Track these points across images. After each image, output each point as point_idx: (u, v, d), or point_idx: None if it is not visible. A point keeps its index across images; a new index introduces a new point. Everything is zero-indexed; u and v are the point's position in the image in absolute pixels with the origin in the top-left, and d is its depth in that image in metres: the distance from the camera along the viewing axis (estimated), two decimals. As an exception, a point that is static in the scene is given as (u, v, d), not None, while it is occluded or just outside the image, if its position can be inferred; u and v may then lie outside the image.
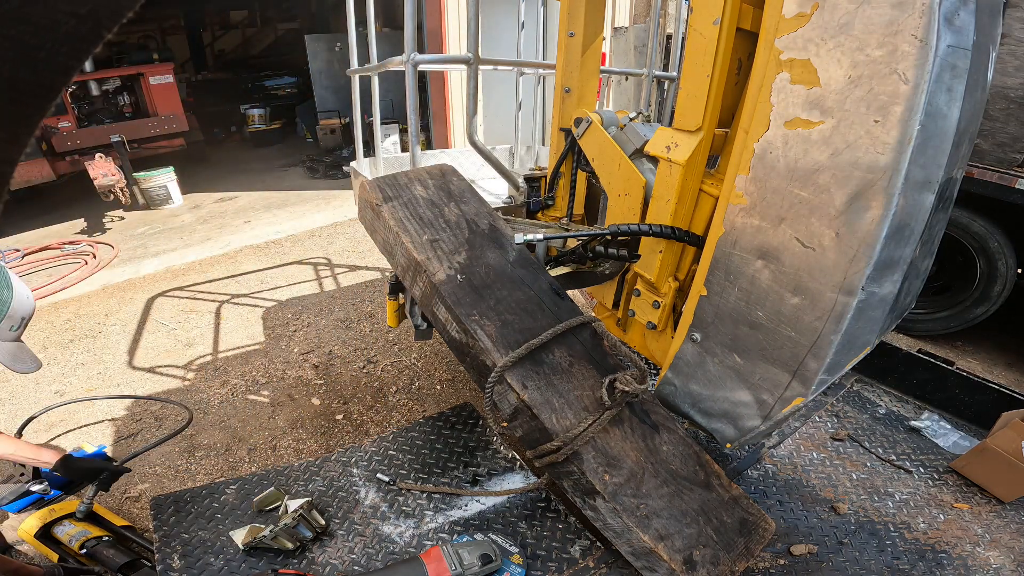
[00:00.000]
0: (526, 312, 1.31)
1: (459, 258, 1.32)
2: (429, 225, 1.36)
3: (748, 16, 1.20)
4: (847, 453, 1.81)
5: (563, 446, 1.13)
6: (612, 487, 1.15)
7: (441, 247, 1.32)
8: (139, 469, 2.27)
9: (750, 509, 1.34)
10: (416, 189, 1.43)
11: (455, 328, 1.23)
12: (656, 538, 1.14)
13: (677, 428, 1.40)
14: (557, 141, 1.92)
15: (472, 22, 1.79)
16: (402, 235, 1.30)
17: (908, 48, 0.89)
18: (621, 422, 1.27)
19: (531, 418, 1.16)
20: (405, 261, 1.30)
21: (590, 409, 1.22)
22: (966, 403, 1.99)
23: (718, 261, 1.23)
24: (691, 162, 1.32)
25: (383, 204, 1.35)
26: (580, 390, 1.24)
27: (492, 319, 1.24)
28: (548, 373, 1.22)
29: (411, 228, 1.33)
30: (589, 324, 1.37)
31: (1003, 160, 2.96)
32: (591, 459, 1.16)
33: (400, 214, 1.34)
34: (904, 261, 1.07)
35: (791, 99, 1.04)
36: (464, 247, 1.36)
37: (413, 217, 1.35)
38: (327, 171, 7.95)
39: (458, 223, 1.41)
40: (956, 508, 1.59)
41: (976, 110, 1.16)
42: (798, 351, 1.12)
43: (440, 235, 1.35)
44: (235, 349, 3.24)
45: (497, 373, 1.14)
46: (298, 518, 1.28)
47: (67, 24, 0.18)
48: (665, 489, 1.24)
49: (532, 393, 1.16)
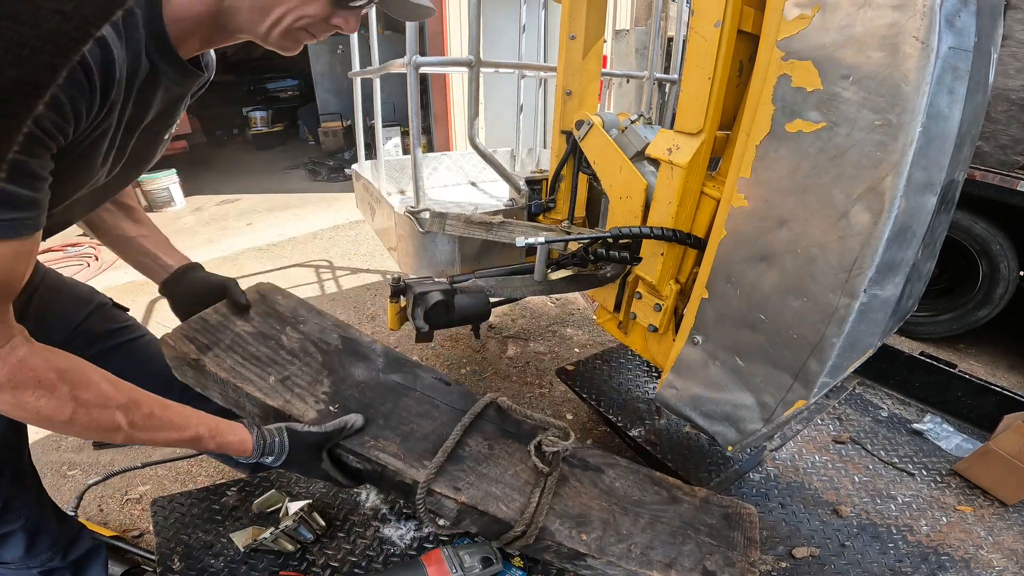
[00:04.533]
0: (421, 416, 1.23)
1: (323, 388, 1.19)
2: (271, 363, 1.20)
3: (749, 18, 1.20)
4: (849, 456, 1.80)
5: (527, 527, 1.09)
6: (595, 543, 1.11)
7: (296, 383, 1.17)
8: (140, 470, 2.27)
9: (723, 503, 1.33)
10: (236, 326, 1.25)
11: (355, 461, 1.13)
12: (664, 568, 1.11)
13: (617, 461, 1.38)
14: (558, 144, 1.92)
15: (473, 25, 1.79)
16: (244, 385, 1.12)
17: (909, 50, 0.89)
18: (566, 480, 1.24)
19: (480, 514, 1.09)
20: (261, 411, 1.14)
21: (532, 482, 1.17)
22: (969, 406, 1.98)
23: (720, 264, 1.23)
24: (692, 165, 1.32)
25: (202, 356, 1.15)
26: (513, 468, 1.19)
27: (390, 438, 1.14)
28: (473, 466, 1.16)
29: (250, 374, 1.16)
30: (492, 402, 1.32)
31: (1005, 162, 2.96)
32: (559, 527, 1.11)
33: (229, 362, 1.15)
34: (906, 264, 1.06)
35: (792, 101, 1.04)
36: (323, 373, 1.23)
37: (247, 360, 1.17)
38: (329, 174, 7.97)
39: (304, 348, 1.27)
40: (959, 511, 1.58)
41: (978, 112, 1.16)
42: (800, 354, 1.12)
43: (289, 369, 1.20)
44: (236, 351, 3.25)
45: (423, 488, 1.07)
46: (299, 520, 1.28)
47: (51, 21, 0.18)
48: (641, 521, 1.21)
49: (469, 492, 1.10)
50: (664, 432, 1.92)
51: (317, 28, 0.96)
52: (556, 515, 1.14)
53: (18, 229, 0.79)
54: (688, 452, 1.84)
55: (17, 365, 0.85)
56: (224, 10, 0.92)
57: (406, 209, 2.01)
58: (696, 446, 1.86)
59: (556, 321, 3.67)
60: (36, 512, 1.32)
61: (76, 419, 0.90)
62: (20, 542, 1.29)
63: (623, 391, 2.14)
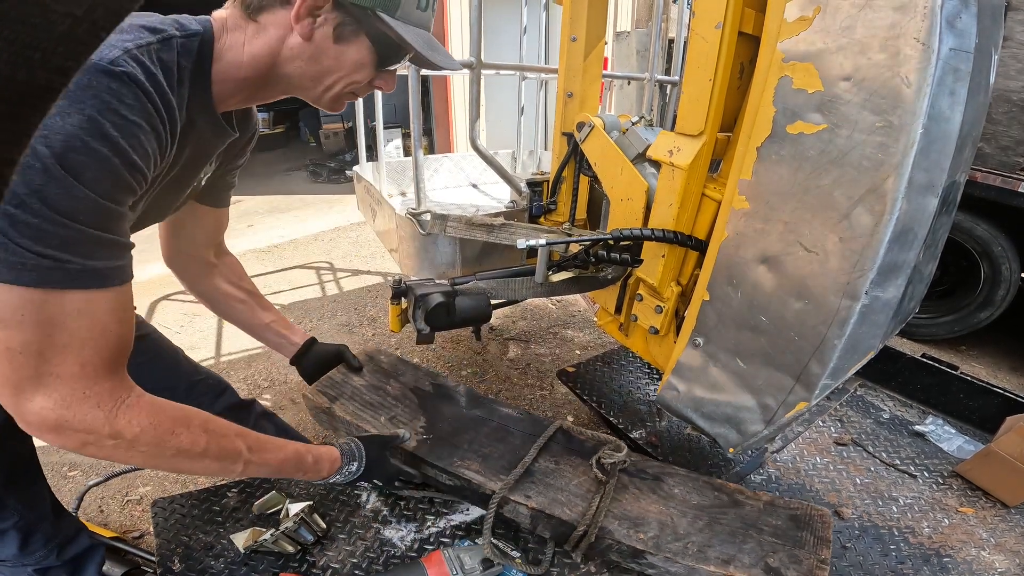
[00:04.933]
0: (498, 441, 1.46)
1: (419, 423, 1.48)
2: (381, 407, 1.51)
3: (750, 20, 1.20)
4: (851, 457, 1.80)
5: (589, 526, 1.23)
6: (651, 541, 1.22)
7: (400, 421, 1.48)
8: (141, 472, 2.27)
9: (791, 505, 1.36)
10: (353, 381, 1.59)
11: (446, 477, 1.37)
12: (722, 563, 1.17)
13: (676, 470, 1.47)
14: (559, 145, 1.93)
15: (475, 27, 1.80)
16: (363, 424, 1.44)
17: (910, 51, 0.89)
18: (625, 488, 1.38)
19: (548, 518, 1.27)
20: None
21: (593, 490, 1.34)
22: (971, 407, 1.98)
23: (721, 266, 1.23)
24: (693, 166, 1.32)
25: (332, 405, 1.49)
26: (576, 479, 1.37)
27: (472, 458, 1.38)
28: (542, 478, 1.36)
29: (367, 416, 1.47)
30: (561, 427, 1.53)
31: (1006, 164, 2.96)
32: (618, 527, 1.25)
33: (351, 408, 1.48)
34: (908, 265, 1.06)
35: (793, 103, 1.04)
36: (419, 412, 1.52)
37: (364, 406, 1.50)
38: (330, 175, 7.97)
39: (404, 395, 1.58)
40: (961, 512, 1.58)
41: (979, 114, 1.16)
42: (801, 356, 1.12)
43: (394, 411, 1.51)
44: (238, 353, 3.24)
45: (499, 495, 1.28)
46: (299, 521, 1.28)
47: (62, 25, 0.18)
48: (700, 523, 1.29)
49: (538, 499, 1.29)
50: (665, 434, 1.92)
51: (362, 90, 1.07)
52: (615, 517, 1.28)
53: (125, 275, 0.84)
54: (689, 454, 1.83)
55: (151, 407, 0.89)
56: (278, 75, 0.99)
57: (407, 211, 2.02)
58: (697, 448, 1.86)
59: (557, 323, 3.67)
60: (31, 511, 1.33)
61: (209, 449, 0.95)
62: (14, 540, 1.31)
63: (624, 393, 2.14)
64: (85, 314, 0.78)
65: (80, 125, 0.70)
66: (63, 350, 0.78)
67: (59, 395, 0.79)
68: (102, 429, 0.83)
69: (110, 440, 0.84)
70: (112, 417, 0.84)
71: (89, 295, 0.78)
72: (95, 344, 0.81)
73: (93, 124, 0.72)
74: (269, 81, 0.99)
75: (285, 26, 0.93)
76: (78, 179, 0.71)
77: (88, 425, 0.82)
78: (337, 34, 0.95)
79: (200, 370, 1.69)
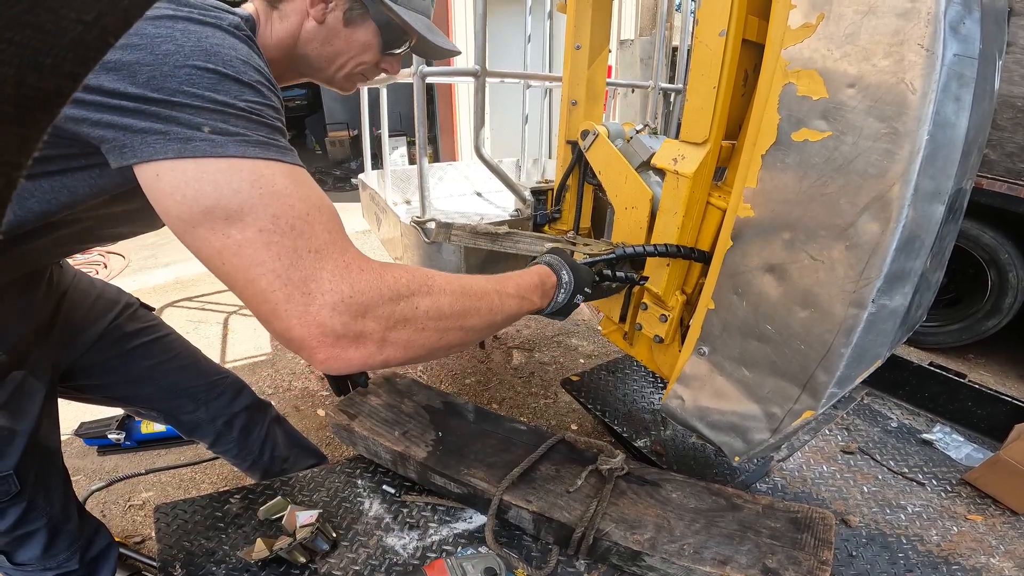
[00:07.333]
0: (503, 451, 1.54)
1: (430, 436, 1.58)
2: (395, 423, 1.62)
3: (754, 27, 1.20)
4: (858, 466, 1.78)
5: (587, 529, 1.27)
6: (648, 543, 1.24)
7: (412, 435, 1.57)
8: (143, 477, 2.28)
9: (792, 508, 1.35)
10: (371, 400, 1.72)
11: (454, 485, 1.44)
12: (718, 564, 1.17)
13: (675, 476, 1.49)
14: (564, 154, 1.93)
15: (479, 35, 1.81)
16: (379, 439, 1.54)
17: (914, 57, 0.89)
18: (623, 493, 1.41)
19: (548, 521, 1.31)
20: (390, 456, 1.55)
21: (591, 495, 1.39)
22: (979, 415, 1.96)
23: (726, 274, 1.23)
24: (698, 174, 1.32)
25: (352, 422, 1.60)
26: (575, 484, 1.42)
27: (477, 467, 1.46)
28: (543, 484, 1.41)
29: (382, 431, 1.58)
30: (562, 439, 1.60)
31: (1012, 170, 2.95)
32: (615, 530, 1.28)
33: (368, 424, 1.60)
34: (915, 273, 1.06)
35: (798, 110, 1.04)
36: (430, 427, 1.62)
37: (380, 423, 1.61)
38: (335, 183, 8.03)
39: (416, 412, 1.69)
40: (969, 520, 1.56)
41: (984, 119, 1.15)
42: (808, 364, 1.11)
43: (407, 427, 1.61)
44: (242, 360, 3.25)
45: (498, 497, 1.34)
46: (315, 530, 1.28)
47: (73, 31, 0.19)
48: (697, 525, 1.30)
49: (538, 503, 1.34)
50: (670, 443, 1.91)
51: (370, 72, 1.20)
52: (612, 520, 1.30)
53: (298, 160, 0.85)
54: (694, 463, 1.82)
55: (403, 272, 0.84)
56: (297, 57, 1.11)
57: (412, 219, 2.02)
58: (702, 457, 1.85)
59: (561, 331, 3.67)
60: (60, 511, 1.33)
61: (471, 288, 0.96)
62: (40, 541, 1.30)
63: (628, 402, 2.13)
64: (302, 184, 0.80)
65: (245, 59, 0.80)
66: (309, 221, 0.76)
67: (336, 268, 0.75)
68: (386, 293, 0.78)
69: (403, 301, 0.79)
70: (384, 275, 0.80)
71: (298, 169, 0.81)
72: (328, 210, 0.82)
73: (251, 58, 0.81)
74: (291, 64, 1.11)
75: (302, 12, 1.05)
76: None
77: (376, 294, 0.77)
78: (347, 18, 1.06)
79: (219, 369, 1.73)
